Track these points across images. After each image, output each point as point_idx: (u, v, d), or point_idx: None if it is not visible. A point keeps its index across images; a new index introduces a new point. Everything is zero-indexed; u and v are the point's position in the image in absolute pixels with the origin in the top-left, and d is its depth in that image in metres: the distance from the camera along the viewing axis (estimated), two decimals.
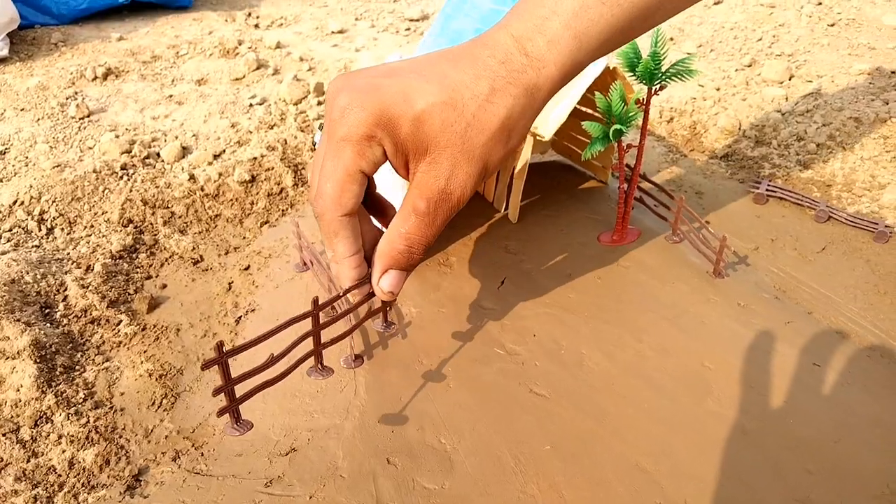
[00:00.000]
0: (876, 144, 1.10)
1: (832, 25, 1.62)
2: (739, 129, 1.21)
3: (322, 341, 0.56)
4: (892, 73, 1.34)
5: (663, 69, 0.74)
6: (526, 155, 0.85)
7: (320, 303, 0.54)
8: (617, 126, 0.74)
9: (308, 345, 0.56)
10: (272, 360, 0.52)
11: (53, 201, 0.97)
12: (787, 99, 1.27)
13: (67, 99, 1.32)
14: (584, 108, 0.90)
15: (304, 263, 0.84)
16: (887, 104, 1.18)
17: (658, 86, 0.75)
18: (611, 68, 0.80)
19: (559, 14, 0.48)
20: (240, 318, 0.79)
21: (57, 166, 1.04)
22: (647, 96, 0.77)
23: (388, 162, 0.48)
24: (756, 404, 0.63)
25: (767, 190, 1.02)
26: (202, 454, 0.63)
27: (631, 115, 0.75)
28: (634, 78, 0.76)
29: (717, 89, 1.34)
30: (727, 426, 0.61)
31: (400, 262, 0.51)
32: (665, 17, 0.55)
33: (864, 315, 0.79)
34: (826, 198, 1.02)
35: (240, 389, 0.50)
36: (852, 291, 0.83)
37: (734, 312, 0.75)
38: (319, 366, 0.57)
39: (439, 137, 0.46)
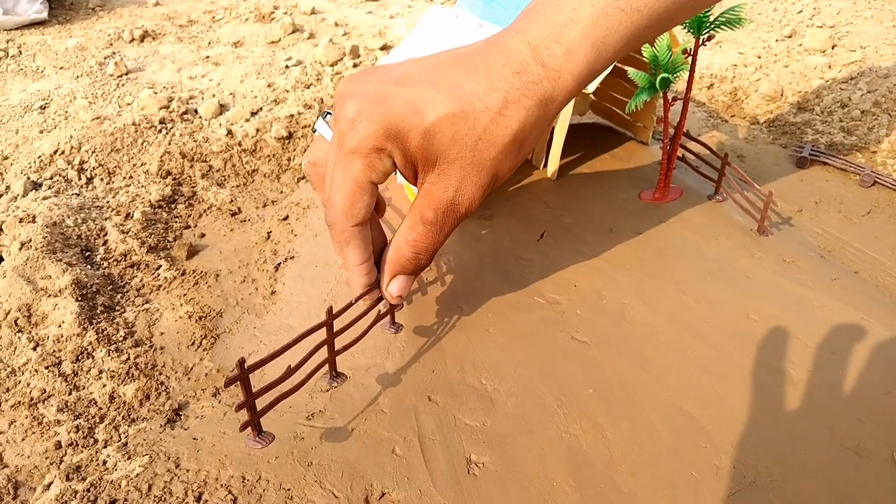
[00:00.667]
0: None
1: None
2: (781, 95, 1.19)
3: (336, 349, 0.56)
4: None
5: (712, 18, 0.73)
6: (567, 111, 0.84)
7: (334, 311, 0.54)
8: (664, 75, 0.72)
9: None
10: (290, 372, 0.52)
11: (93, 152, 0.98)
12: (830, 67, 1.25)
13: (105, 58, 1.33)
14: (625, 67, 0.89)
15: None
16: None
17: (707, 35, 0.74)
18: None
19: (577, 22, 0.46)
20: (279, 264, 0.79)
21: (96, 118, 1.05)
22: (695, 46, 0.75)
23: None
24: (803, 355, 0.62)
25: (811, 154, 1.00)
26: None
27: (678, 64, 0.73)
28: (682, 27, 0.74)
29: (758, 57, 1.32)
30: (774, 376, 0.60)
31: (407, 268, 0.52)
32: (684, 19, 0.54)
33: None
34: (870, 164, 1.00)
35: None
36: None
37: (779, 268, 0.73)
38: (333, 373, 0.57)
39: (449, 150, 0.46)
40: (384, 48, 1.40)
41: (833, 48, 1.33)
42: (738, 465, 0.52)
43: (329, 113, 0.56)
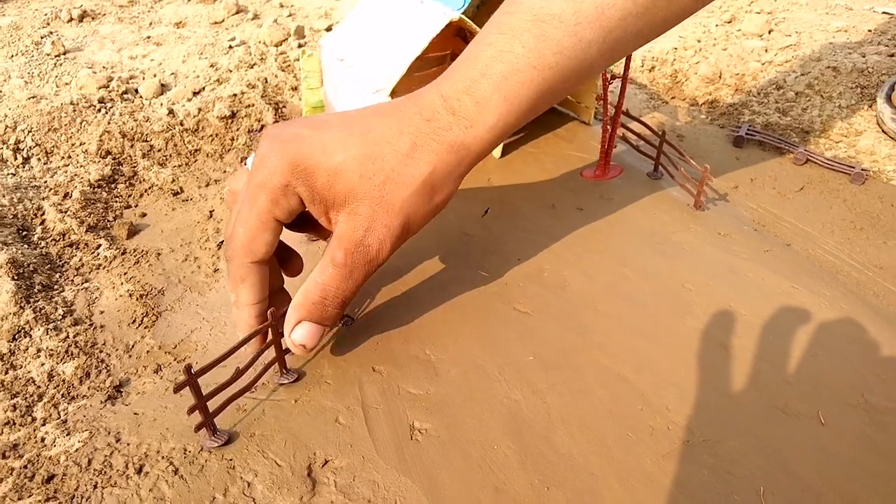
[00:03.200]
0: (853, 93, 1.11)
1: None
2: (720, 77, 1.22)
3: (284, 348, 0.56)
4: (869, 30, 1.35)
5: None
6: None
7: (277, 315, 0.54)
8: None
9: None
10: (238, 374, 0.52)
11: (29, 131, 0.95)
12: (766, 50, 1.28)
13: (42, 38, 1.29)
14: None
15: None
16: (864, 56, 1.19)
17: None
18: None
19: (488, 76, 0.48)
20: (221, 243, 0.79)
21: (33, 98, 1.02)
22: None
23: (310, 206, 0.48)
24: (735, 322, 0.64)
25: (748, 134, 1.02)
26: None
27: None
28: None
29: (698, 41, 1.35)
30: (707, 341, 0.62)
31: (313, 313, 0.50)
32: (599, 71, 0.56)
33: (841, 248, 0.80)
34: (804, 143, 1.03)
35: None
36: (829, 227, 0.84)
37: (714, 240, 0.76)
38: (284, 370, 0.57)
39: (357, 189, 0.47)
40: (329, 29, 1.39)
41: (770, 33, 1.37)
42: (673, 426, 0.54)
43: None
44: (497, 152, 0.90)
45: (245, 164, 0.55)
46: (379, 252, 0.49)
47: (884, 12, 1.44)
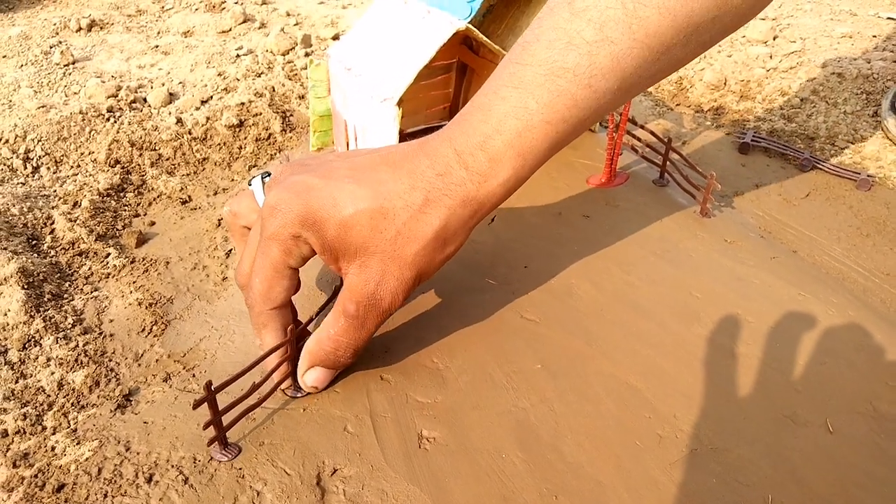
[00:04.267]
0: (858, 99, 1.11)
1: None
2: (725, 84, 1.22)
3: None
4: (874, 36, 1.36)
5: None
6: None
7: (295, 330, 0.55)
8: None
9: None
10: (254, 388, 0.53)
11: (39, 140, 0.96)
12: (771, 57, 1.28)
13: (51, 47, 1.31)
14: None
15: None
16: (869, 62, 1.20)
17: None
18: None
19: (502, 133, 0.47)
20: (230, 251, 0.79)
21: (42, 107, 1.03)
22: None
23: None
24: (743, 330, 0.64)
25: (753, 140, 1.03)
26: (194, 375, 0.63)
27: None
28: None
29: None
30: (715, 349, 0.62)
31: (326, 362, 0.52)
32: (605, 115, 0.55)
33: (848, 254, 0.80)
34: (809, 149, 1.03)
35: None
36: (836, 234, 0.84)
37: (721, 248, 0.76)
38: (296, 385, 0.58)
39: (368, 242, 0.47)
40: (336, 38, 1.40)
41: (774, 39, 1.37)
42: (680, 434, 0.54)
43: (269, 174, 0.56)
44: None
45: (250, 187, 0.55)
46: (392, 304, 0.49)
47: (889, 18, 1.45)
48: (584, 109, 0.48)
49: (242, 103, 1.08)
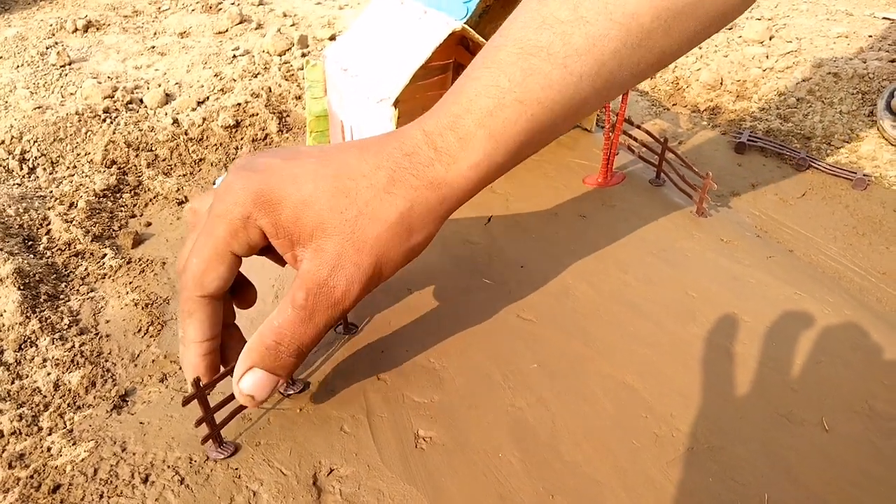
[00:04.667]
0: (854, 99, 1.11)
1: None
2: (721, 84, 1.22)
3: None
4: (870, 36, 1.36)
5: None
6: None
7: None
8: None
9: None
10: None
11: (35, 141, 0.96)
12: (767, 56, 1.29)
13: (47, 48, 1.30)
14: None
15: None
16: (865, 62, 1.20)
17: None
18: None
19: (472, 112, 0.45)
20: None
21: (38, 108, 1.03)
22: None
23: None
24: (740, 329, 0.64)
25: (749, 140, 1.03)
26: None
27: None
28: None
29: (699, 47, 1.35)
30: (711, 348, 0.62)
31: (266, 359, 0.45)
32: (595, 109, 0.52)
33: (844, 254, 0.80)
34: (805, 149, 1.03)
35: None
36: (832, 233, 0.84)
37: (717, 247, 0.76)
38: (290, 381, 0.57)
39: (326, 223, 0.43)
40: (333, 38, 1.40)
41: (770, 39, 1.37)
42: (677, 434, 0.54)
43: None
44: None
45: (214, 185, 0.52)
46: (345, 294, 0.44)
47: (884, 17, 1.45)
48: (560, 92, 0.46)
49: (239, 104, 1.08)
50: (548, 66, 0.45)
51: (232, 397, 0.51)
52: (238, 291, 0.53)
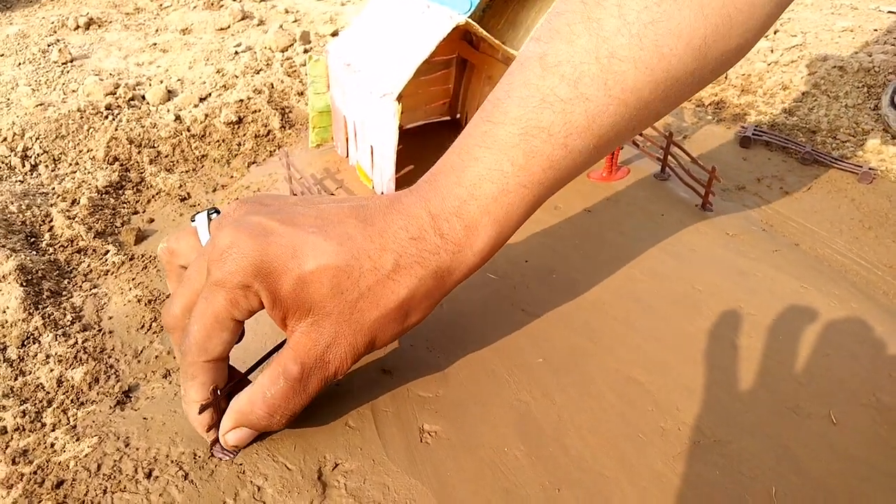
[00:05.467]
0: (860, 93, 1.11)
1: None
2: (725, 78, 1.22)
3: None
4: (875, 30, 1.35)
5: None
6: None
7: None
8: None
9: None
10: None
11: (37, 138, 0.96)
12: (772, 51, 1.28)
13: (49, 46, 1.30)
14: None
15: (295, 195, 0.84)
16: (870, 56, 1.19)
17: None
18: None
19: (477, 198, 0.45)
20: None
21: (40, 105, 1.03)
22: None
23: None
24: (746, 323, 0.64)
25: (754, 134, 1.02)
26: None
27: None
28: None
29: None
30: (718, 342, 0.62)
31: (255, 426, 0.46)
32: (581, 172, 0.52)
33: (850, 247, 0.80)
34: (811, 143, 1.03)
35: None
36: (838, 226, 0.84)
37: (723, 241, 0.76)
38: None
39: (326, 302, 0.43)
40: (335, 34, 1.39)
41: (775, 33, 1.37)
42: (683, 427, 0.53)
43: (217, 210, 0.51)
44: None
45: (193, 223, 0.50)
46: (338, 370, 0.45)
47: (889, 11, 1.44)
48: (560, 170, 0.46)
49: (241, 100, 1.07)
50: (549, 148, 0.45)
51: None
52: None
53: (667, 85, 0.45)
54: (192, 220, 0.49)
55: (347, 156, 0.91)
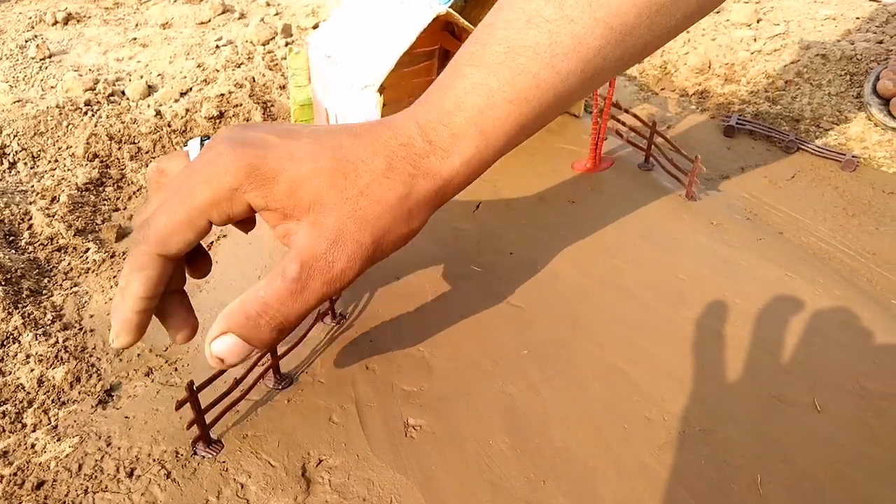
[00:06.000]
0: (842, 81, 1.11)
1: None
2: (709, 67, 1.21)
3: (279, 353, 0.56)
4: (857, 18, 1.35)
5: None
6: None
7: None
8: None
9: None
10: (236, 384, 0.52)
11: (15, 136, 0.94)
12: (755, 39, 1.28)
13: (27, 42, 1.28)
14: None
15: None
16: (853, 44, 1.19)
17: None
18: None
19: (464, 109, 0.45)
20: (211, 243, 0.78)
21: (18, 101, 1.01)
22: None
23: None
24: (730, 311, 0.64)
25: (738, 123, 1.02)
26: (176, 369, 0.62)
27: None
28: None
29: (687, 31, 1.35)
30: (702, 331, 0.62)
31: (244, 328, 0.42)
32: (581, 99, 0.52)
33: (834, 235, 0.80)
34: (794, 131, 1.03)
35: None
36: (822, 214, 0.84)
37: (707, 230, 0.75)
38: (278, 376, 0.57)
39: (326, 198, 0.41)
40: (317, 27, 1.38)
41: (758, 22, 1.37)
42: (669, 417, 0.53)
43: (209, 137, 0.49)
44: None
45: (185, 148, 0.48)
46: (343, 271, 0.42)
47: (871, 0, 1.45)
48: (547, 91, 0.46)
49: (222, 94, 1.06)
50: (535, 66, 0.45)
51: (221, 397, 0.51)
52: (194, 259, 0.50)
53: (651, 11, 0.46)
54: (185, 146, 0.48)
55: None
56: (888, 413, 0.54)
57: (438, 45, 0.94)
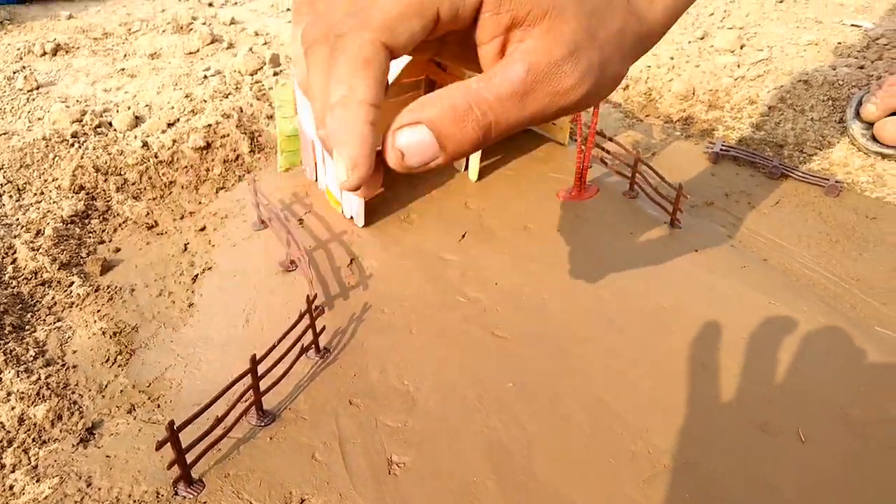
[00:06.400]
0: (825, 106, 1.12)
1: (781, 1, 1.65)
2: (693, 94, 1.22)
3: (261, 390, 0.56)
4: (839, 43, 1.37)
5: None
6: None
7: (257, 357, 0.54)
8: None
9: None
10: (217, 422, 0.52)
11: (1, 168, 0.94)
12: (738, 66, 1.29)
13: (14, 73, 1.29)
14: None
15: (262, 221, 0.83)
16: (834, 69, 1.21)
17: None
18: None
19: None
20: (196, 276, 0.78)
21: (4, 134, 1.01)
22: None
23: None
24: (714, 340, 0.64)
25: (722, 149, 1.03)
26: (158, 406, 0.61)
27: None
28: None
29: (671, 58, 1.36)
30: (687, 361, 0.61)
31: (444, 121, 0.32)
32: None
33: (817, 261, 0.80)
34: (778, 157, 1.04)
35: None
36: (805, 240, 0.84)
37: (690, 258, 0.76)
38: (260, 412, 0.57)
39: (565, 4, 0.34)
40: None
41: (742, 48, 1.38)
42: (654, 450, 0.53)
43: None
44: (474, 175, 0.90)
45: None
46: (572, 88, 0.34)
47: (853, 25, 1.46)
48: None
49: (210, 125, 1.06)
50: None
51: (203, 436, 0.51)
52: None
53: None
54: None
55: (316, 180, 0.91)
56: (873, 440, 0.54)
57: (424, 75, 0.95)
